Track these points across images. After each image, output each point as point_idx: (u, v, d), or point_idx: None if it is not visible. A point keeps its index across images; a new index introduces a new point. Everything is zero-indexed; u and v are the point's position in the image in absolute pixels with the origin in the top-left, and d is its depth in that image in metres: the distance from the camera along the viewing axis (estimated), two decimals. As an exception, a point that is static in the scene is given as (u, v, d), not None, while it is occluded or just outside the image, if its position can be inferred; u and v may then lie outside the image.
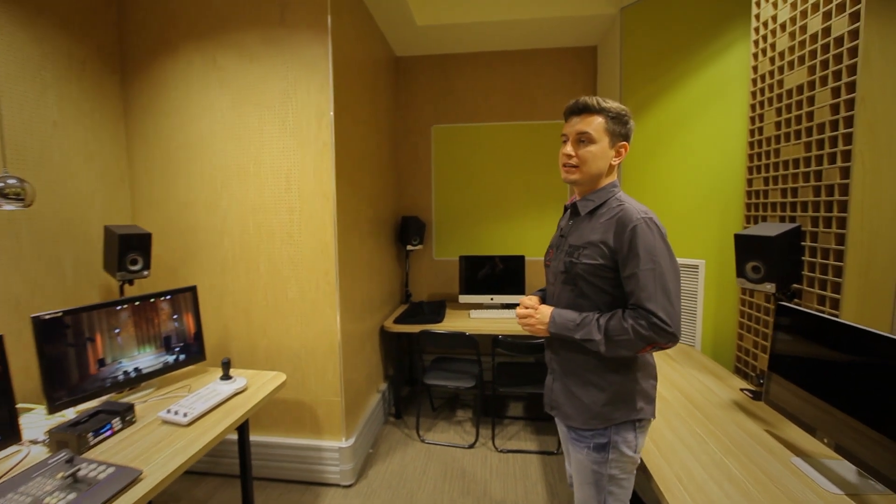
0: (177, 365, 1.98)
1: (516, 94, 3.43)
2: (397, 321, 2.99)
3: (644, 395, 1.26)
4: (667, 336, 1.11)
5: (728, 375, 2.06)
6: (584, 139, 1.23)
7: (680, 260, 2.52)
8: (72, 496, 1.16)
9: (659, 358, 2.26)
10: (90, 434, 1.45)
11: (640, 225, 1.15)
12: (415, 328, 2.83)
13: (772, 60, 1.88)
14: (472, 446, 2.72)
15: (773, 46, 1.88)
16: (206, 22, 2.22)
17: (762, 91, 1.96)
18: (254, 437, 2.36)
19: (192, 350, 2.04)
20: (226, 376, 1.88)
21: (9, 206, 1.51)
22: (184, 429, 1.57)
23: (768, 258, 1.68)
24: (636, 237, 1.14)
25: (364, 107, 2.68)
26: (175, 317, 1.99)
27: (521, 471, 2.48)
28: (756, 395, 1.81)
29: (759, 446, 1.44)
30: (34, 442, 1.49)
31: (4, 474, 1.31)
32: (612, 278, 1.20)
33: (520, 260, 3.27)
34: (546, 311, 1.28)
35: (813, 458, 1.35)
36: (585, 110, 1.24)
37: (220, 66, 2.22)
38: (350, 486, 2.35)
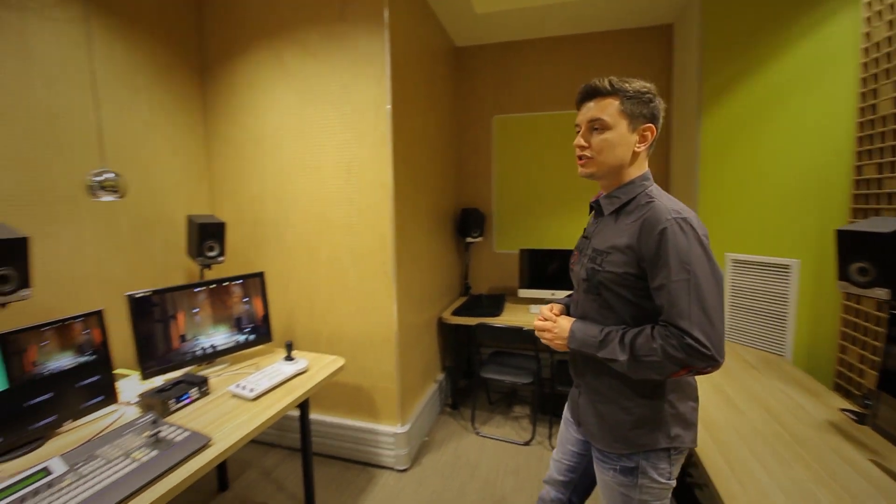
0: (246, 344, 2.13)
1: (583, 79, 3.23)
2: (455, 313, 2.99)
3: (681, 420, 1.10)
4: (704, 360, 0.93)
5: (825, 392, 1.80)
6: (597, 126, 1.09)
7: (768, 259, 2.26)
8: (153, 453, 1.29)
9: (738, 367, 2.04)
10: (172, 401, 1.61)
11: (670, 227, 0.97)
12: (472, 321, 2.81)
13: (890, 24, 1.59)
14: (527, 443, 2.66)
15: (891, 7, 1.58)
16: (273, 23, 2.33)
17: (877, 62, 1.67)
18: (316, 416, 2.50)
19: (260, 331, 2.18)
20: (289, 357, 2.00)
21: (107, 198, 1.71)
22: (250, 403, 1.69)
23: (879, 259, 1.44)
24: (666, 241, 0.97)
25: (421, 98, 2.69)
26: (245, 300, 2.14)
27: (577, 474, 2.37)
28: (860, 418, 1.55)
29: (861, 477, 1.23)
30: (129, 403, 1.68)
31: (104, 429, 1.49)
32: (641, 288, 1.04)
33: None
34: (566, 323, 1.15)
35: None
36: (596, 94, 1.11)
37: (286, 63, 2.33)
38: (404, 470, 2.40)
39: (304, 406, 2.03)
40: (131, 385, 1.84)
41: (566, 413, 1.37)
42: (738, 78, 2.33)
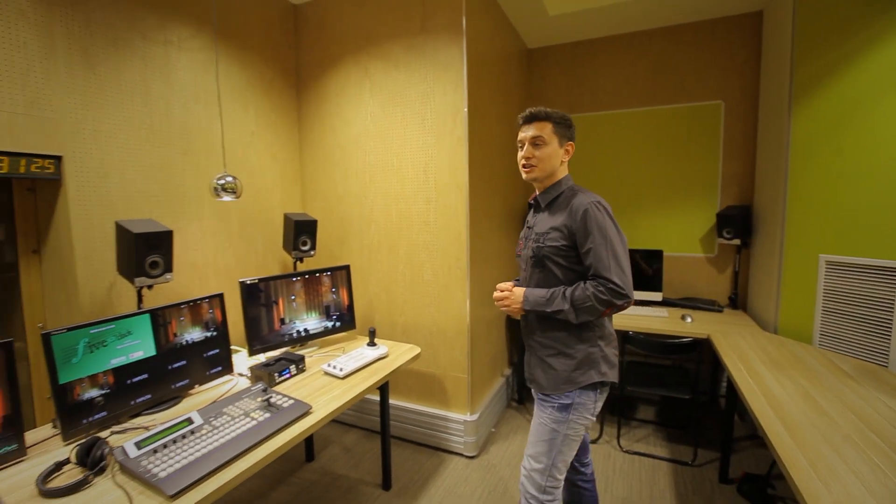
0: (333, 330, 2.37)
1: (659, 75, 3.17)
2: (521, 310, 3.06)
3: (608, 360, 1.47)
4: (622, 297, 1.33)
5: (933, 404, 1.65)
6: (538, 142, 1.45)
7: (867, 260, 2.09)
8: (266, 415, 1.52)
9: (830, 374, 1.92)
10: (276, 374, 1.86)
11: (591, 208, 1.37)
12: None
13: None
14: (595, 442, 2.66)
15: None
16: (360, 38, 2.56)
17: None
18: (391, 401, 2.69)
19: (345, 319, 2.41)
20: (371, 343, 2.19)
21: (227, 198, 2.00)
22: (339, 380, 1.90)
23: None
24: (589, 218, 1.36)
25: (495, 101, 2.79)
26: (333, 290, 2.38)
27: (647, 475, 2.35)
28: (975, 432, 1.43)
29: None
30: (240, 375, 1.96)
31: (224, 394, 1.77)
32: (574, 256, 1.41)
33: (657, 255, 3.03)
34: (519, 291, 1.48)
35: None
36: (536, 119, 1.46)
37: (371, 74, 2.55)
38: (473, 457, 2.52)
39: (384, 389, 2.22)
40: (240, 359, 2.12)
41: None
42: (833, 68, 2.17)
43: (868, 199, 2.09)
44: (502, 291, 1.52)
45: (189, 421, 1.44)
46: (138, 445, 1.30)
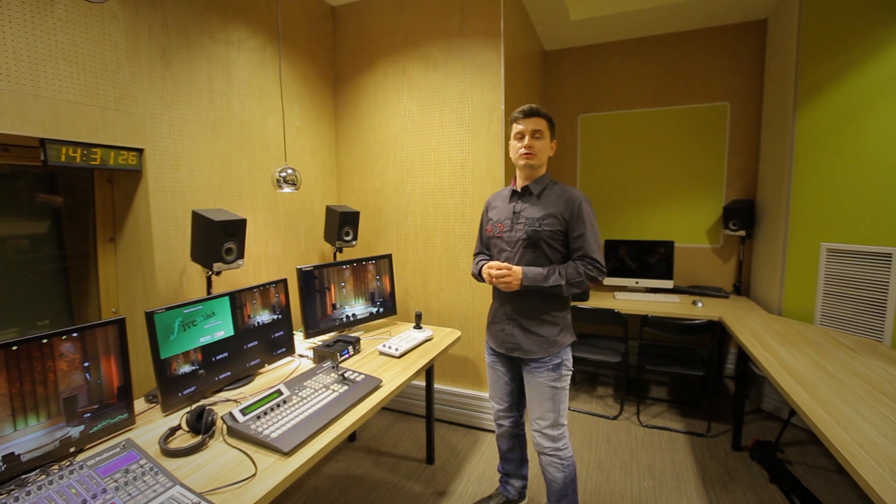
0: (377, 315, 2.51)
1: (669, 78, 3.39)
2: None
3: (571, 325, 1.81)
4: (601, 273, 1.66)
5: (927, 371, 1.89)
6: (538, 135, 1.67)
7: (864, 247, 2.34)
8: (345, 388, 1.67)
9: (835, 348, 2.15)
10: (338, 354, 2.00)
11: (584, 202, 1.66)
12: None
13: None
14: (615, 418, 2.87)
15: None
16: (398, 40, 2.70)
17: None
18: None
19: (387, 305, 2.56)
20: (417, 326, 2.35)
21: (287, 189, 2.13)
22: (396, 359, 2.05)
23: None
24: (581, 209, 1.64)
25: (521, 100, 2.96)
26: (377, 278, 2.52)
27: (667, 445, 2.57)
28: (964, 391, 1.66)
29: None
30: (301, 356, 2.10)
31: (293, 371, 1.91)
32: (563, 240, 1.67)
33: (669, 245, 3.26)
34: (518, 269, 1.64)
35: None
36: (535, 114, 1.67)
37: (409, 74, 2.69)
38: (505, 434, 2.69)
39: (429, 373, 2.38)
40: (296, 342, 2.25)
41: (492, 360, 1.92)
42: (836, 74, 2.41)
43: (864, 193, 2.34)
44: (500, 270, 1.64)
45: (279, 392, 1.58)
46: (243, 412, 1.44)
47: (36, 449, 1.21)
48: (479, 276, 1.84)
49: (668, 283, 3.23)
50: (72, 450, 1.29)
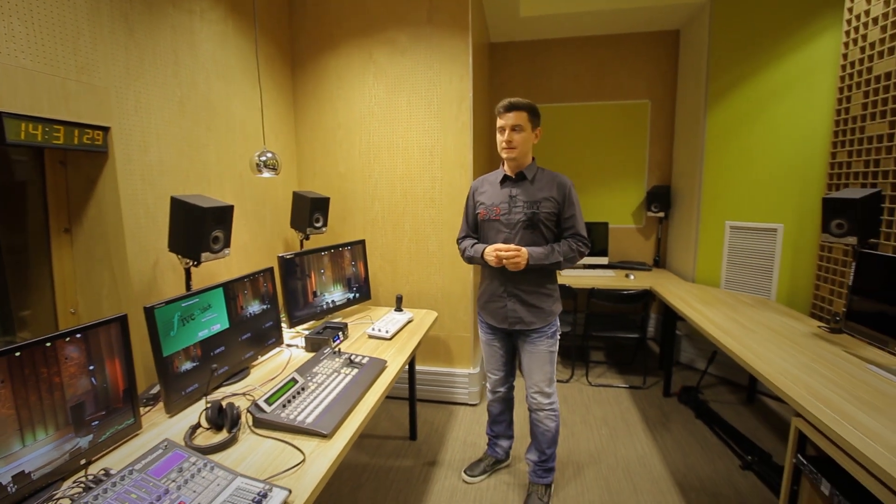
0: (354, 301, 2.52)
1: (602, 76, 3.77)
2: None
3: None
4: (588, 248, 1.88)
5: (804, 318, 2.45)
6: (517, 129, 1.78)
7: (758, 224, 2.91)
8: (354, 371, 1.70)
9: (739, 305, 2.67)
10: (331, 340, 1.99)
11: (572, 186, 1.87)
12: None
13: (862, 50, 2.20)
14: (567, 381, 3.22)
15: (864, 38, 2.19)
16: (363, 23, 2.66)
17: (851, 76, 2.29)
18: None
19: (363, 290, 2.57)
20: (398, 308, 2.41)
21: (268, 174, 2.03)
22: (388, 342, 2.11)
23: (851, 217, 2.06)
24: (571, 193, 1.85)
25: (481, 90, 3.10)
26: (353, 263, 2.52)
27: (614, 399, 2.97)
28: (833, 331, 2.20)
29: (839, 358, 1.84)
30: (289, 345, 2.05)
31: (288, 360, 1.88)
32: (556, 221, 1.86)
33: (604, 227, 3.68)
34: (524, 251, 1.77)
35: (886, 367, 1.75)
36: (515, 108, 1.78)
37: (376, 60, 2.67)
38: (476, 405, 2.89)
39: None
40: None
41: (489, 336, 2.06)
42: (740, 80, 2.93)
43: (758, 179, 2.90)
44: (509, 251, 1.75)
45: (294, 380, 1.56)
46: (268, 402, 1.41)
47: (46, 465, 1.09)
48: (474, 259, 1.93)
49: (604, 260, 3.67)
50: (82, 462, 1.17)
